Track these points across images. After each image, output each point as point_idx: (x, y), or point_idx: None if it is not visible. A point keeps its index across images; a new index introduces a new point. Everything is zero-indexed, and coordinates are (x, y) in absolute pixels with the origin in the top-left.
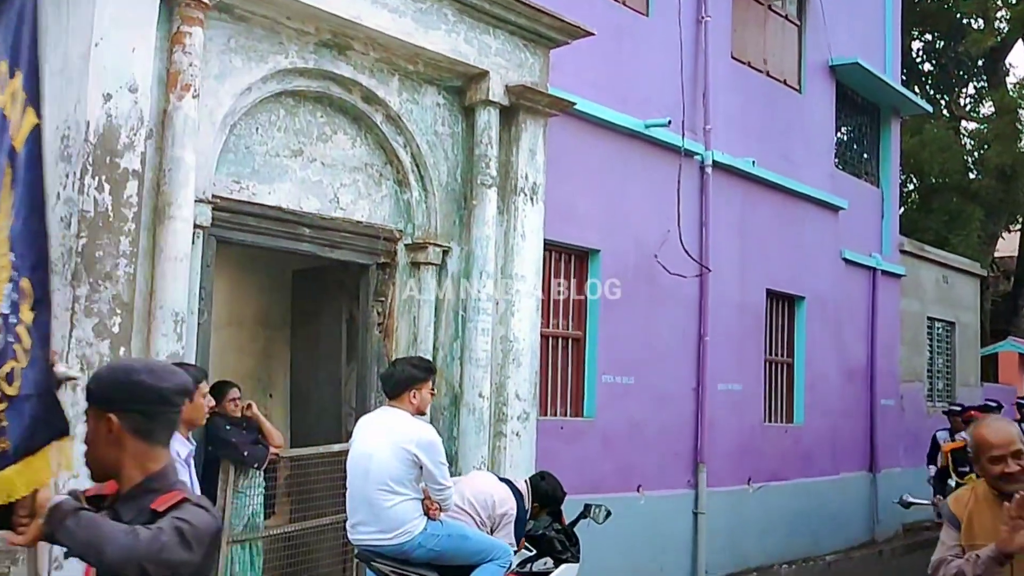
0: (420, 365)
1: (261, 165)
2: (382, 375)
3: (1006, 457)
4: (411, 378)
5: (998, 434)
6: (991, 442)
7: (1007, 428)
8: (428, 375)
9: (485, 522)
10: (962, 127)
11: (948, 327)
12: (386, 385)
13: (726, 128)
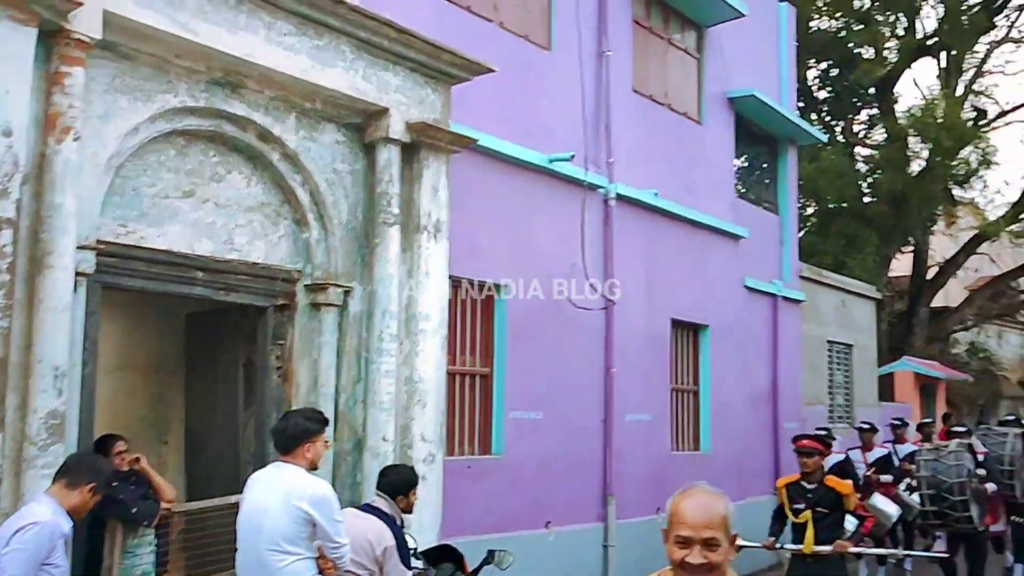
0: (314, 417)
1: (150, 207)
2: (273, 429)
3: (695, 542)
4: (305, 432)
5: (696, 511)
6: (684, 518)
7: (712, 505)
8: (322, 427)
9: (374, 570)
10: (856, 153)
11: (847, 349)
12: (278, 440)
13: (629, 161)
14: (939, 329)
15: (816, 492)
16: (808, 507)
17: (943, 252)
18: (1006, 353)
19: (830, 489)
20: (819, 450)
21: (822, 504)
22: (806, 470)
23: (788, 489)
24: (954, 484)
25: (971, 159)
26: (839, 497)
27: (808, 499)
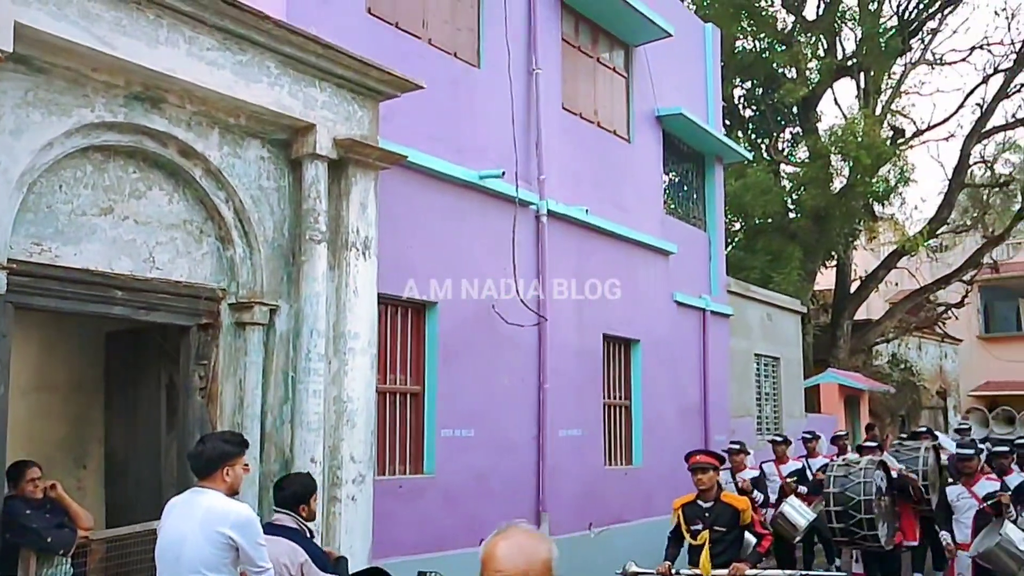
0: (232, 440)
1: (66, 225)
2: (190, 454)
3: None
4: (223, 454)
5: (513, 555)
6: (498, 564)
7: (531, 549)
8: (241, 450)
9: None
10: (781, 170)
11: (774, 362)
12: (196, 464)
13: (559, 177)
14: (862, 341)
15: (713, 511)
16: (705, 527)
17: (865, 266)
18: (926, 364)
19: (727, 506)
20: (714, 465)
21: (719, 523)
22: (702, 487)
23: (684, 510)
24: (862, 501)
25: (890, 176)
26: (736, 514)
27: (705, 518)
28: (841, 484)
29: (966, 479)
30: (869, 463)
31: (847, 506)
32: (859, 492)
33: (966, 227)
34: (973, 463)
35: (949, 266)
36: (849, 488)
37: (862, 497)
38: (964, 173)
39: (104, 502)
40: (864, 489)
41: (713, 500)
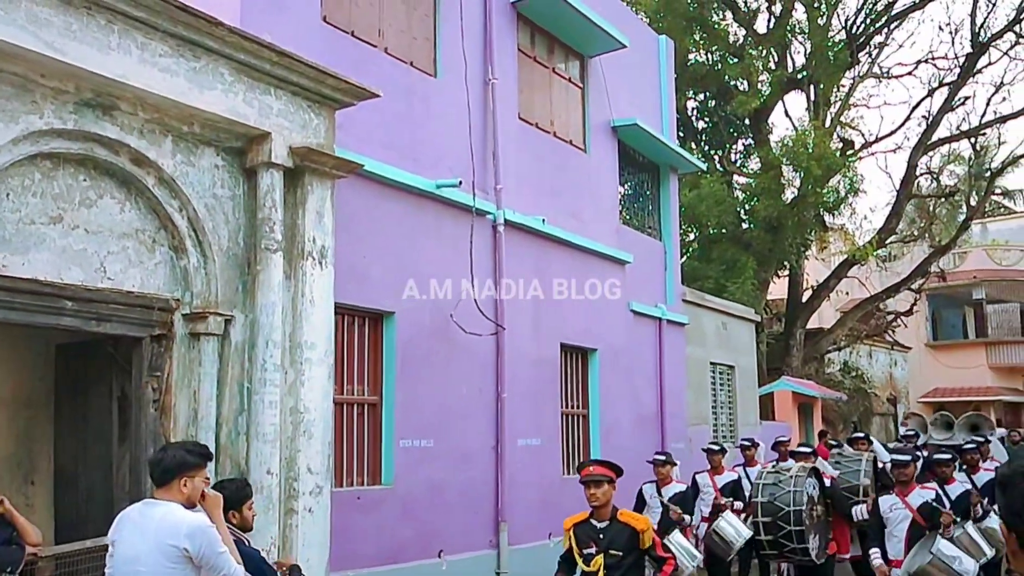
0: (194, 450)
1: (13, 234)
2: (151, 460)
3: None
4: (182, 464)
5: None
6: None
7: None
8: (202, 461)
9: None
10: (734, 181)
11: (729, 370)
12: (154, 472)
13: (516, 187)
14: (814, 349)
15: (609, 531)
16: (599, 551)
17: (816, 276)
18: (876, 372)
19: (625, 526)
20: (609, 478)
21: (616, 546)
22: (595, 503)
23: (576, 531)
24: (791, 512)
25: (840, 187)
26: (635, 536)
27: (599, 540)
28: (770, 493)
29: (901, 488)
30: (800, 470)
31: (776, 517)
32: (788, 502)
33: (914, 237)
34: (909, 470)
35: (898, 275)
36: (778, 497)
37: (791, 507)
38: (911, 184)
39: (54, 518)
40: (794, 499)
41: (609, 519)
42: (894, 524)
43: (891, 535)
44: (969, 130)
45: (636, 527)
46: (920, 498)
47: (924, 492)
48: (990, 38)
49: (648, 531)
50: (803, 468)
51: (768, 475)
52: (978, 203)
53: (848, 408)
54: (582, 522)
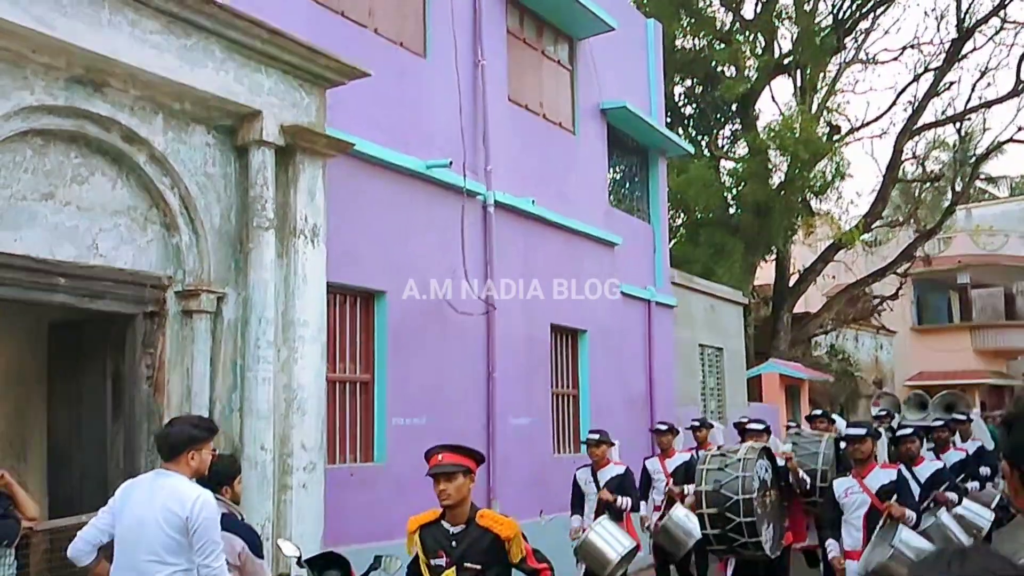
0: (200, 425)
1: (5, 210)
2: (157, 435)
3: None
4: (190, 439)
5: None
6: None
7: None
8: (209, 435)
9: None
10: (722, 166)
11: (717, 352)
12: (161, 446)
13: (506, 169)
14: (801, 333)
15: (464, 539)
16: (452, 563)
17: (803, 261)
18: (862, 355)
19: (485, 532)
20: (465, 468)
21: (472, 556)
22: (446, 502)
23: (423, 535)
24: (740, 501)
25: (827, 172)
26: (498, 545)
27: (452, 549)
28: (715, 480)
29: (858, 468)
30: (749, 451)
31: (723, 507)
32: (736, 489)
33: (899, 222)
34: (866, 446)
35: (884, 259)
36: (725, 485)
37: (740, 496)
38: (897, 169)
39: (48, 495)
40: (743, 485)
41: (465, 522)
42: (851, 510)
43: (848, 523)
44: (954, 115)
45: (500, 533)
46: (879, 480)
47: (885, 472)
48: (975, 23)
49: (516, 538)
50: (752, 449)
51: (712, 459)
52: (963, 188)
53: (835, 390)
54: (431, 524)
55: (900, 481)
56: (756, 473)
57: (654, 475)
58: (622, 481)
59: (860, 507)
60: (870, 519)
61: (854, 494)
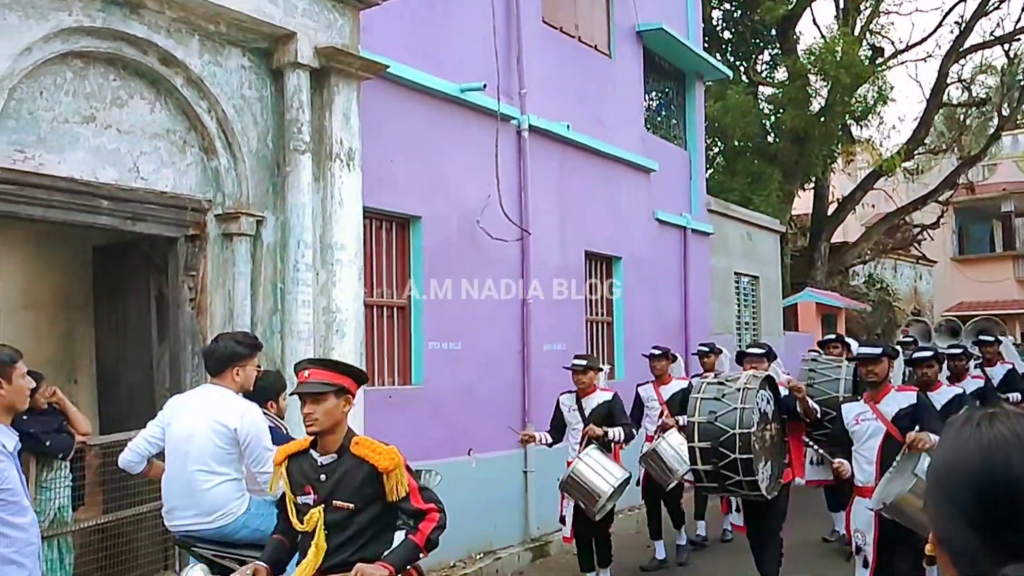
0: (244, 341)
1: (48, 132)
2: (204, 351)
3: None
4: (234, 354)
5: None
6: None
7: None
8: (253, 351)
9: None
10: (760, 92)
11: (753, 281)
12: (208, 362)
13: (541, 92)
14: (838, 263)
15: (334, 470)
16: (319, 501)
17: (842, 189)
18: (901, 285)
19: (360, 463)
20: (338, 386)
21: (343, 492)
22: (312, 428)
23: (290, 466)
24: (736, 435)
25: (868, 96)
26: (375, 477)
27: (319, 484)
28: (710, 411)
29: (872, 392)
30: (750, 381)
31: (717, 441)
32: (733, 422)
33: (943, 148)
34: (881, 367)
35: (925, 187)
36: (721, 417)
37: (737, 430)
38: (941, 93)
39: (98, 415)
40: (740, 418)
41: (337, 451)
42: (862, 439)
43: (859, 455)
44: (1003, 36)
45: (377, 464)
46: (896, 404)
47: (903, 396)
48: None
49: (397, 471)
50: (754, 378)
51: (708, 387)
52: (1010, 113)
53: (872, 319)
54: (299, 454)
55: (920, 405)
56: (756, 405)
57: (647, 403)
58: (610, 408)
59: (873, 436)
60: (885, 450)
61: (866, 421)
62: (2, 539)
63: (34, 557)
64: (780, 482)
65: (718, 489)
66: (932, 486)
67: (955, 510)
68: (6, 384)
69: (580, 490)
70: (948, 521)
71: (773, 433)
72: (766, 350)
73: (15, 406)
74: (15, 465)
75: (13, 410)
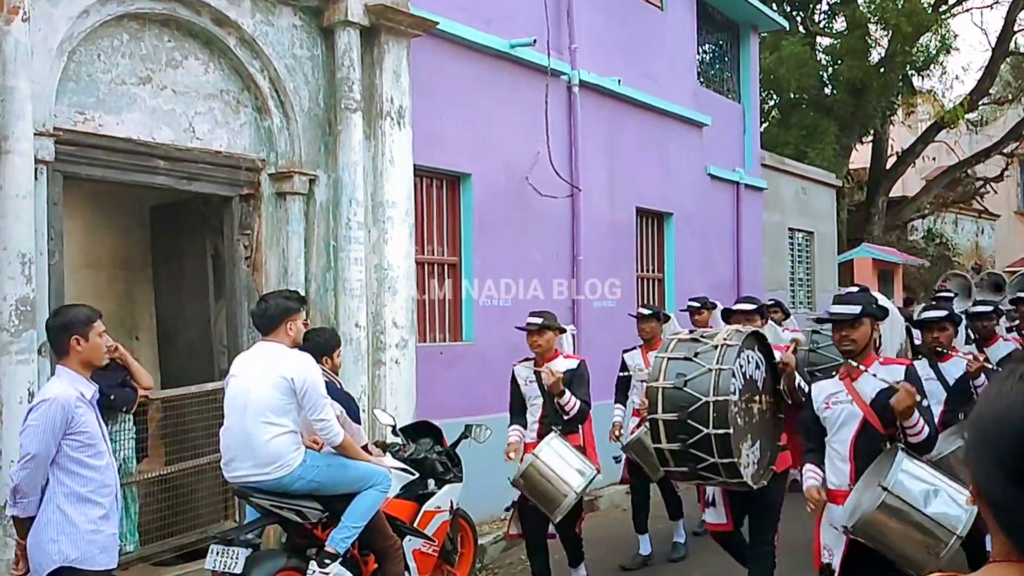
0: (292, 297)
1: (106, 94)
2: (253, 311)
3: None
4: (285, 310)
5: None
6: None
7: None
8: (301, 306)
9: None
10: (817, 43)
11: (807, 237)
12: (259, 321)
13: (591, 47)
14: (897, 218)
15: None
16: None
17: (901, 142)
18: (961, 240)
19: None
20: None
21: None
22: None
23: None
24: (710, 404)
25: (930, 46)
26: None
27: None
28: (678, 374)
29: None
30: (731, 336)
31: (686, 412)
32: (706, 388)
33: (1008, 99)
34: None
35: (989, 139)
36: (692, 381)
37: (712, 397)
38: (1008, 41)
39: (159, 370)
40: (716, 382)
41: None
42: (833, 428)
43: (831, 448)
44: None
45: None
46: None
47: (888, 370)
48: None
49: None
50: (736, 332)
51: (679, 344)
52: None
53: (930, 275)
54: None
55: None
56: (740, 367)
57: (634, 371)
58: (571, 379)
59: (846, 424)
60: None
61: (839, 403)
62: (79, 479)
63: (111, 499)
64: (772, 470)
65: (689, 475)
66: (973, 439)
67: (995, 462)
68: (83, 341)
69: (536, 491)
70: (989, 473)
71: (764, 407)
72: (757, 305)
73: (92, 362)
74: (94, 413)
75: (91, 365)
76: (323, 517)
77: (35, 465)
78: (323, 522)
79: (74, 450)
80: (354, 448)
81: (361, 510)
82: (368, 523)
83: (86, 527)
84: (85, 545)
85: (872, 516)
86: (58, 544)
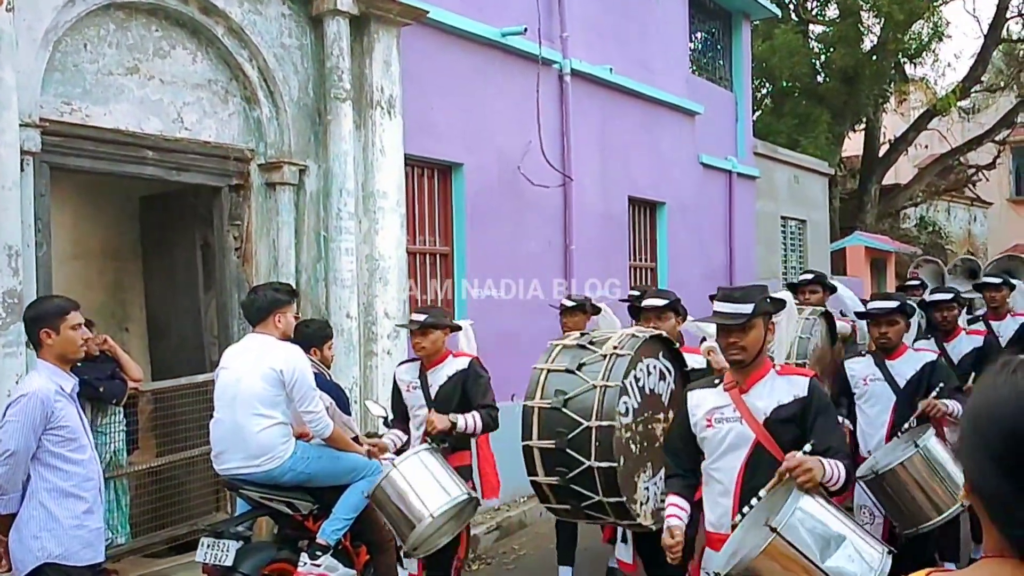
0: (282, 289)
1: (93, 84)
2: (243, 303)
3: None
4: (274, 302)
5: None
6: None
7: None
8: (291, 298)
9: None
10: (809, 31)
11: (800, 225)
12: (249, 312)
13: (583, 35)
14: (889, 206)
15: None
16: None
17: (894, 130)
18: (954, 228)
19: None
20: None
21: None
22: None
23: None
24: (591, 431)
25: (923, 33)
26: None
27: None
28: (557, 391)
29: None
30: (625, 342)
31: (564, 440)
32: (589, 409)
33: (1000, 86)
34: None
35: (981, 127)
36: (572, 400)
37: (593, 422)
38: (1000, 28)
39: (149, 362)
40: (602, 401)
41: None
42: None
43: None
44: None
45: None
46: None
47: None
48: None
49: None
50: (632, 337)
51: (563, 352)
52: None
53: None
54: None
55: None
56: (634, 381)
57: None
58: (462, 382)
59: (734, 448)
60: (749, 473)
61: (724, 422)
62: (61, 473)
63: (95, 492)
64: None
65: (572, 513)
66: (966, 432)
67: (988, 456)
68: (54, 334)
69: (390, 510)
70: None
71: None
72: (669, 301)
73: (67, 355)
74: (75, 406)
75: (66, 358)
76: (314, 509)
77: (15, 461)
78: (314, 514)
79: (55, 445)
80: (344, 440)
81: (352, 502)
82: (360, 514)
83: (69, 522)
84: (68, 541)
85: (754, 563)
86: (40, 540)
